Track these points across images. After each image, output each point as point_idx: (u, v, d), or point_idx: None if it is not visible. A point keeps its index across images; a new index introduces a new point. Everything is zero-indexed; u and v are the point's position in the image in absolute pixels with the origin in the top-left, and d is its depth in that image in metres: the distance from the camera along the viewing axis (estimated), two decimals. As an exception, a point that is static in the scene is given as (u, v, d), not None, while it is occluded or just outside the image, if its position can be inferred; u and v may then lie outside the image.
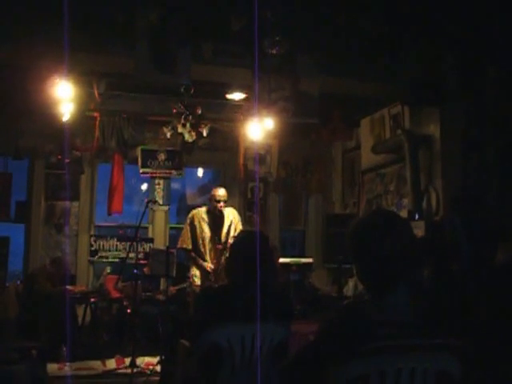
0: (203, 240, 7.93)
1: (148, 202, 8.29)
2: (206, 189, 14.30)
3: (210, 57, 8.13)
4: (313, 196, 12.10)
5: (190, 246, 7.96)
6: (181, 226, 8.92)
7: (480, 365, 3.29)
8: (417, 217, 8.44)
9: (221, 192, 7.95)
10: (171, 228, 11.47)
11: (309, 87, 8.49)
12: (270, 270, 3.93)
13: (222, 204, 7.91)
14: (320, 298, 9.67)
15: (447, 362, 2.52)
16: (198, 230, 7.95)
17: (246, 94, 9.07)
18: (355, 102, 9.61)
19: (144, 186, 12.23)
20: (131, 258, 8.62)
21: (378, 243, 2.53)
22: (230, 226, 7.98)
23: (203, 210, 8.10)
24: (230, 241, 7.36)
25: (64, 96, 8.12)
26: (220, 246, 7.82)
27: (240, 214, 8.70)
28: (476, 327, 3.87)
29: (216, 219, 7.97)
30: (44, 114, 8.66)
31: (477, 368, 3.22)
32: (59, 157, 10.53)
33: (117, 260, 10.37)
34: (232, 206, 8.75)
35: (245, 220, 8.74)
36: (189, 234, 7.98)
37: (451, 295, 4.54)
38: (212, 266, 7.80)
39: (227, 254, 4.37)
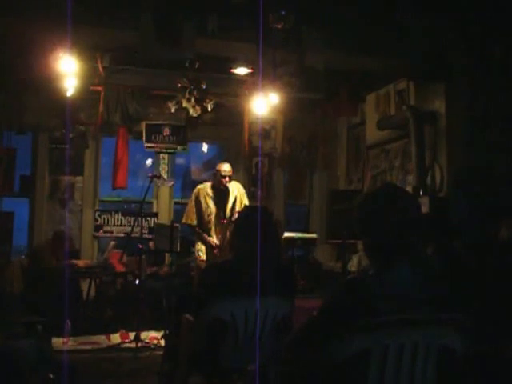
0: (208, 215, 7.93)
1: (152, 177, 8.28)
2: (210, 164, 14.29)
3: (215, 31, 8.12)
4: (317, 172, 12.08)
5: (194, 222, 7.96)
6: (185, 201, 8.93)
7: (482, 340, 3.32)
8: (421, 193, 8.44)
9: (226, 167, 7.93)
10: (176, 203, 11.49)
11: (314, 62, 8.49)
12: (273, 246, 3.94)
13: (227, 179, 7.89)
14: (324, 273, 9.72)
15: (450, 337, 2.54)
16: (203, 206, 7.95)
17: (251, 68, 9.05)
18: (361, 78, 9.60)
19: (149, 161, 12.23)
20: (136, 233, 8.63)
21: (384, 217, 2.57)
22: (234, 201, 7.97)
23: (208, 185, 8.09)
24: (236, 215, 7.37)
25: (68, 70, 8.12)
26: (225, 221, 7.82)
27: (244, 189, 8.71)
28: (479, 303, 3.90)
29: (221, 194, 7.96)
30: (48, 88, 8.66)
31: (479, 343, 3.25)
32: (63, 131, 10.53)
33: (121, 235, 10.39)
34: (237, 181, 8.75)
35: (249, 195, 8.71)
36: (194, 210, 7.98)
37: (454, 271, 4.57)
38: (217, 242, 7.81)
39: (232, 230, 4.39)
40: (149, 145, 11.07)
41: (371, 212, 2.62)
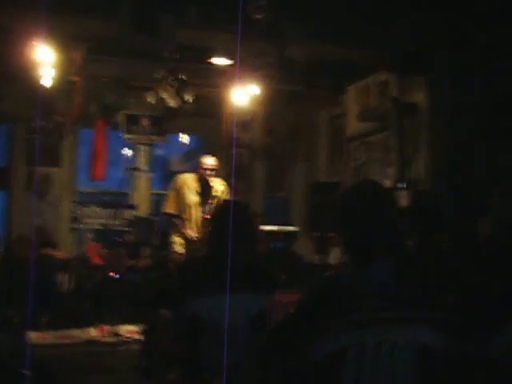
0: (187, 207, 7.91)
1: (130, 169, 8.23)
2: (190, 155, 14.24)
3: (195, 21, 8.07)
4: (298, 164, 12.09)
5: (174, 212, 7.95)
6: (165, 192, 8.90)
7: (463, 339, 3.31)
8: (402, 186, 8.45)
9: (209, 161, 7.92)
10: (154, 195, 11.44)
11: (294, 53, 8.47)
12: (248, 240, 3.94)
13: (210, 173, 7.88)
14: (304, 266, 9.71)
15: (429, 335, 2.52)
16: (183, 197, 7.93)
17: (230, 59, 9.00)
18: (342, 69, 9.57)
19: (127, 152, 12.16)
20: (114, 225, 8.59)
21: (363, 214, 2.56)
22: (217, 198, 7.96)
23: (191, 176, 8.06)
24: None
25: (45, 60, 8.04)
26: (208, 216, 7.80)
27: (224, 180, 8.69)
28: (460, 300, 3.88)
29: (205, 188, 7.94)
30: (24, 78, 8.57)
31: (461, 342, 3.23)
32: (40, 122, 10.44)
33: (99, 227, 10.33)
34: (217, 173, 8.72)
35: (228, 188, 8.70)
36: (174, 199, 7.97)
37: (435, 267, 4.56)
38: (194, 235, 7.78)
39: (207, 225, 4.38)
40: (127, 136, 11.03)
41: (350, 209, 2.62)
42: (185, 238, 7.86)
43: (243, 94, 9.29)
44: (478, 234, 5.09)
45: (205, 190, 7.94)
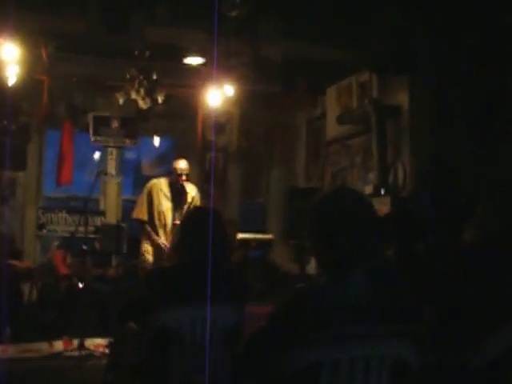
0: (159, 214, 7.92)
1: (99, 174, 8.20)
2: (162, 159, 14.19)
3: (166, 18, 8.06)
4: (275, 168, 12.09)
5: (145, 217, 7.94)
6: (136, 198, 8.88)
7: (444, 351, 3.32)
8: (383, 192, 8.48)
9: (182, 165, 7.93)
10: (125, 200, 11.40)
11: (271, 52, 8.49)
12: (221, 249, 3.93)
13: (184, 177, 7.90)
14: (281, 276, 9.72)
15: (405, 350, 2.54)
16: (155, 202, 7.94)
17: (204, 58, 9.01)
18: (321, 69, 9.59)
19: (96, 156, 12.10)
20: (81, 232, 8.55)
21: (337, 222, 2.56)
22: (190, 204, 7.96)
23: (163, 181, 8.08)
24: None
25: (9, 58, 7.99)
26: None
27: (198, 186, 8.68)
28: (441, 311, 3.90)
29: (178, 193, 7.96)
30: (-13, 76, 8.51)
31: (440, 355, 3.24)
32: (4, 122, 10.37)
33: (66, 234, 10.28)
34: (190, 177, 8.71)
35: (202, 194, 8.70)
36: (145, 205, 7.97)
37: (415, 276, 4.57)
38: (166, 243, 7.77)
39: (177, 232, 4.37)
40: (96, 138, 10.97)
41: (324, 217, 2.61)
42: (156, 245, 7.85)
43: (218, 95, 9.29)
44: (461, 242, 5.11)
45: (178, 196, 7.95)
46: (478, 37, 7.63)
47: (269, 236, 10.05)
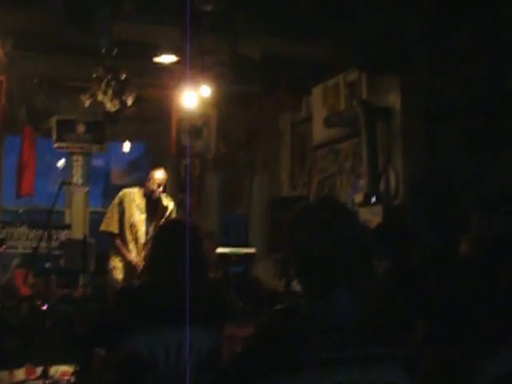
0: (131, 226, 7.94)
1: (63, 183, 8.20)
2: (133, 166, 14.22)
3: (135, 14, 8.07)
4: (258, 175, 12.13)
5: (116, 230, 7.97)
6: (105, 210, 8.86)
7: (437, 376, 3.37)
8: (374, 200, 8.54)
9: (160, 175, 7.99)
10: (92, 213, 11.38)
11: (249, 50, 8.50)
12: (198, 266, 3.95)
13: (161, 189, 7.95)
14: (264, 293, 9.73)
15: (394, 373, 2.54)
16: (127, 214, 7.96)
17: (177, 56, 9.03)
18: (305, 68, 9.63)
19: (60, 163, 12.09)
20: (45, 249, 8.54)
21: (319, 236, 2.58)
22: (169, 215, 8.00)
23: (136, 191, 8.10)
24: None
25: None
26: (152, 236, 7.83)
27: (172, 196, 8.71)
28: (436, 331, 3.95)
29: (153, 205, 7.99)
30: None
31: (432, 380, 3.29)
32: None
33: (27, 251, 10.26)
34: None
35: (177, 204, 8.72)
36: (116, 216, 7.99)
37: (409, 292, 4.62)
38: (137, 259, 7.78)
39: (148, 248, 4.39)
40: (60, 144, 10.99)
41: (304, 231, 2.64)
42: (127, 262, 7.87)
43: (193, 96, 9.29)
44: (457, 254, 5.17)
45: (153, 208, 7.98)
46: (475, 32, 7.71)
47: (251, 250, 10.04)
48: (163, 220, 7.93)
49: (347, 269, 2.56)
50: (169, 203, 8.10)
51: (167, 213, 8.03)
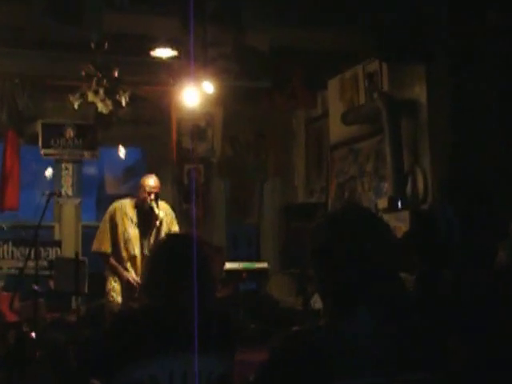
0: (126, 243, 7.96)
1: (51, 195, 8.23)
2: (130, 173, 14.22)
3: (127, 2, 8.11)
4: (269, 180, 12.13)
5: (109, 250, 7.99)
6: (98, 224, 8.88)
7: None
8: (399, 205, 8.54)
9: (152, 181, 7.99)
10: (85, 227, 11.39)
11: (257, 41, 8.53)
12: (203, 285, 3.94)
13: (153, 197, 7.94)
14: (281, 312, 9.74)
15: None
16: (120, 230, 7.98)
17: (176, 50, 9.07)
18: (319, 59, 9.65)
19: (47, 173, 12.11)
20: (31, 269, 8.56)
21: (342, 250, 2.58)
22: (160, 226, 8.01)
23: (128, 202, 8.13)
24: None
25: None
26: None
27: (174, 206, 8.73)
28: (474, 350, 3.96)
29: (146, 217, 8.00)
30: None
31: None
32: None
33: (13, 271, 10.29)
34: (164, 195, 8.77)
35: (180, 215, 8.73)
36: (108, 234, 8.01)
37: (442, 308, 4.63)
38: (137, 279, 7.80)
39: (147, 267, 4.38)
40: (47, 151, 11.01)
41: (328, 243, 2.64)
42: (125, 282, 7.88)
43: (195, 94, 9.31)
44: (491, 265, 5.19)
45: (146, 219, 7.99)
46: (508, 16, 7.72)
47: (263, 265, 10.07)
48: (156, 232, 7.96)
49: (375, 285, 2.56)
50: (162, 212, 8.09)
51: (159, 223, 8.03)
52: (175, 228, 8.09)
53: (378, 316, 2.54)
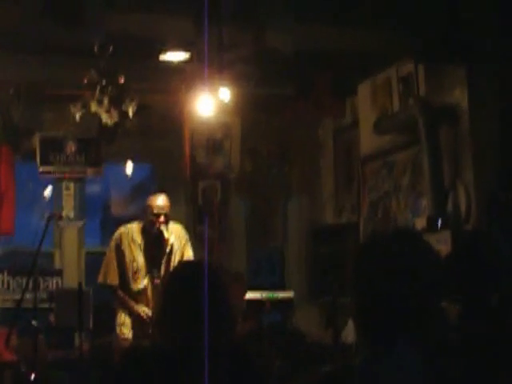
0: (135, 272, 7.96)
1: (51, 217, 8.25)
2: (138, 192, 14.25)
3: (132, 1, 8.14)
4: (294, 198, 12.14)
5: (116, 281, 7.98)
6: (105, 249, 8.89)
7: None
8: (440, 225, 8.51)
9: (160, 201, 7.98)
10: (89, 253, 11.40)
11: (278, 42, 8.54)
12: (221, 320, 3.93)
13: (162, 219, 7.92)
14: (308, 348, 9.72)
15: None
16: (128, 259, 7.97)
17: (188, 53, 9.09)
18: (347, 61, 9.66)
19: (47, 192, 12.15)
20: (30, 302, 8.58)
21: (385, 277, 2.60)
22: (171, 252, 8.01)
23: (135, 227, 8.12)
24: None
25: None
26: (159, 282, 7.83)
27: (188, 229, 8.71)
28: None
29: (155, 242, 7.99)
30: None
31: None
32: None
33: (9, 304, 10.31)
34: (176, 217, 8.76)
35: (195, 238, 8.72)
36: (115, 264, 8.01)
37: (490, 344, 4.59)
38: (148, 312, 7.80)
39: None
40: (45, 168, 11.03)
41: (371, 272, 2.66)
42: (136, 315, 7.88)
43: (209, 102, 9.32)
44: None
45: (155, 245, 7.99)
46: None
47: (289, 294, 10.07)
48: (166, 258, 7.96)
49: (418, 319, 2.57)
50: (170, 236, 8.08)
51: (170, 248, 8.03)
52: (188, 253, 8.07)
53: (420, 355, 2.54)
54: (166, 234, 8.00)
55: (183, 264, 5.98)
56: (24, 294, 8.47)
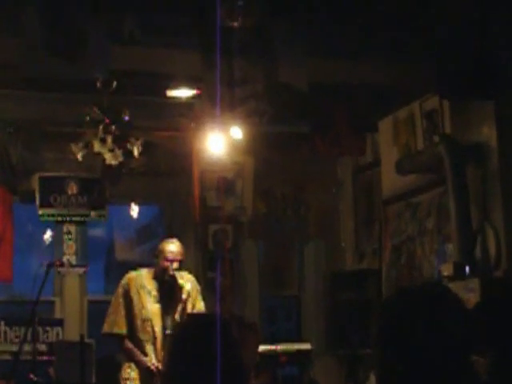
0: (144, 322, 7.93)
1: (51, 264, 8.26)
2: (144, 235, 14.28)
3: (138, 34, 8.17)
4: (311, 242, 12.13)
5: (124, 330, 7.97)
6: (108, 297, 8.89)
7: None
8: (467, 272, 8.48)
9: (173, 247, 7.98)
10: (92, 302, 11.40)
11: (293, 77, 8.56)
12: (234, 375, 3.93)
13: (175, 265, 7.92)
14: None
15: None
16: (137, 306, 7.96)
17: (197, 89, 9.11)
18: (367, 96, 9.67)
19: (46, 236, 12.18)
20: (28, 354, 8.57)
21: (418, 336, 2.58)
22: (186, 302, 8.01)
23: (145, 274, 8.11)
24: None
25: None
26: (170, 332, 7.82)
27: (198, 275, 8.70)
28: None
29: (168, 289, 7.98)
30: None
31: None
32: None
33: (6, 357, 10.30)
34: (185, 263, 8.75)
35: (205, 285, 8.72)
36: (122, 312, 7.99)
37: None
38: (157, 364, 7.77)
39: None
40: (45, 211, 11.05)
41: (392, 324, 2.67)
42: (144, 369, 7.85)
43: (220, 141, 9.34)
44: None
45: (168, 293, 7.98)
46: None
47: (306, 345, 10.02)
48: (182, 308, 7.95)
49: (446, 374, 2.55)
50: (185, 283, 8.08)
51: (183, 296, 8.02)
52: (200, 305, 8.06)
53: None
54: (180, 282, 8.01)
55: (192, 317, 5.97)
56: (22, 346, 8.47)
